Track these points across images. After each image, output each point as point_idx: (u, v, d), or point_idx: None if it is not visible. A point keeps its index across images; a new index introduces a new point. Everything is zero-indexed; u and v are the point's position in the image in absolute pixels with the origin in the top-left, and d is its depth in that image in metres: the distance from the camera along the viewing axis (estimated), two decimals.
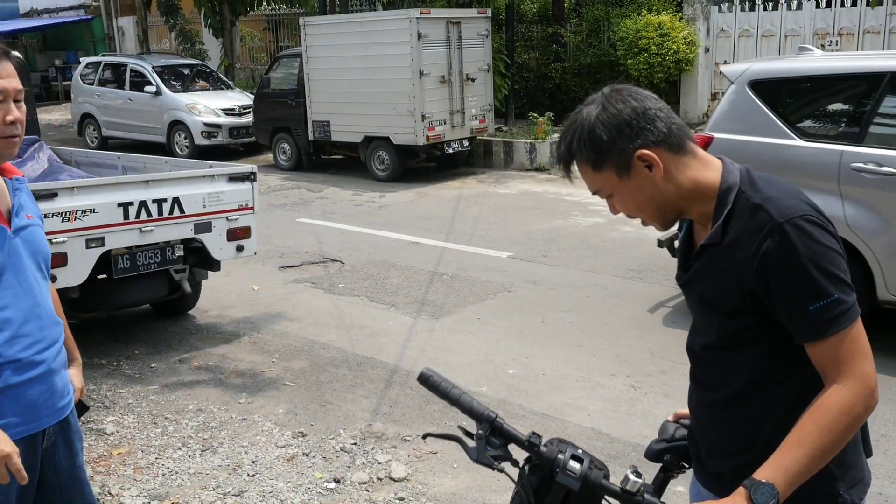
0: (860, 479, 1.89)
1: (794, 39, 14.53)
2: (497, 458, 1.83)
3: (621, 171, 1.81)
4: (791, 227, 1.71)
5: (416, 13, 12.60)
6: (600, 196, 1.90)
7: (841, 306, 1.72)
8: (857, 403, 1.72)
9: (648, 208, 1.87)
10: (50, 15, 29.59)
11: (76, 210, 5.41)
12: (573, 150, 1.84)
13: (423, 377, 1.97)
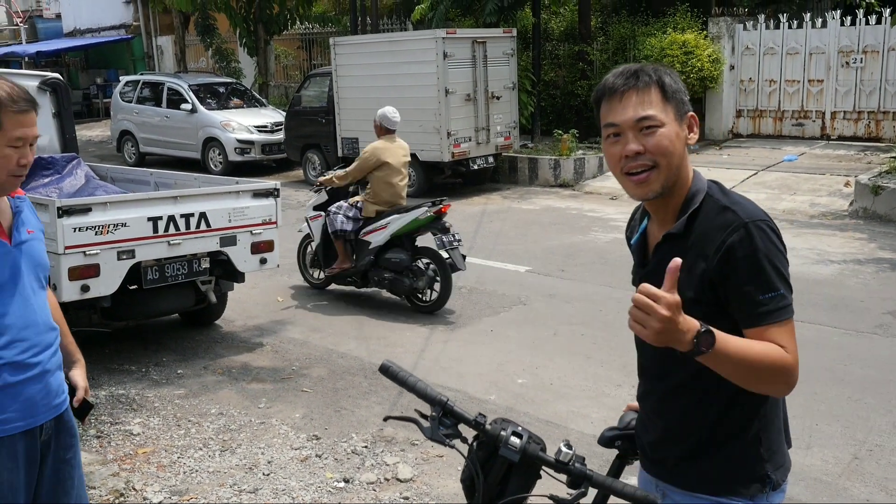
0: (782, 464, 2.13)
1: (819, 57, 14.64)
2: (448, 437, 2.07)
3: (679, 114, 2.03)
4: (755, 227, 1.95)
5: (442, 33, 12.91)
6: (641, 124, 1.98)
7: (784, 301, 1.95)
8: (790, 370, 1.93)
9: (674, 157, 2.02)
10: (92, 34, 30.44)
11: (108, 224, 5.74)
12: (659, 72, 2.03)
13: (383, 368, 2.22)
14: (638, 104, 2.00)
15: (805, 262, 8.72)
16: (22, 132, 2.45)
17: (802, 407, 5.34)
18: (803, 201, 11.40)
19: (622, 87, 2.02)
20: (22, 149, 2.47)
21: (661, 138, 1.99)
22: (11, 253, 2.54)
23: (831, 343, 6.45)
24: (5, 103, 2.42)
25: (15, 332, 2.50)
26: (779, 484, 2.10)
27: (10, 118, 2.42)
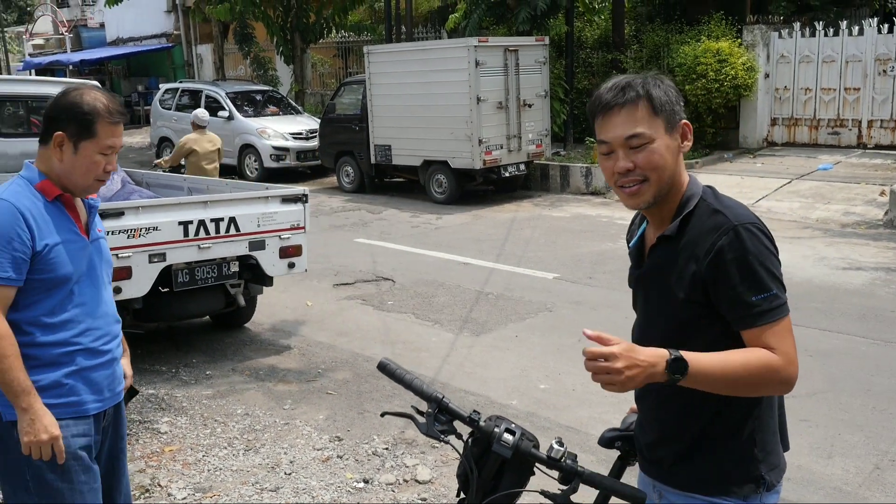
0: (777, 465, 2.16)
1: (856, 65, 14.48)
2: (443, 433, 2.14)
3: (669, 126, 2.06)
4: (744, 230, 1.99)
5: (474, 41, 13.00)
6: (631, 142, 2.03)
7: (777, 301, 1.99)
8: (779, 371, 1.97)
9: (665, 171, 2.07)
10: (134, 43, 31.04)
11: (141, 228, 5.89)
12: (646, 86, 2.05)
13: (381, 365, 2.29)
14: (626, 121, 2.04)
15: (836, 271, 8.64)
16: (112, 141, 2.65)
17: (826, 416, 5.32)
18: (837, 210, 11.28)
19: (611, 103, 2.06)
20: (109, 156, 2.66)
21: (650, 154, 2.04)
22: (88, 248, 2.74)
23: (858, 353, 6.40)
24: (102, 114, 2.61)
25: (91, 321, 2.70)
26: (773, 485, 2.14)
27: (104, 128, 2.62)
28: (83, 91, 2.67)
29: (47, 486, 2.62)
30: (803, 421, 5.26)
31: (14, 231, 2.53)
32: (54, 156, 2.64)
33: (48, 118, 2.67)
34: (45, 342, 2.61)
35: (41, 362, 2.61)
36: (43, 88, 8.66)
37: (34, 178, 2.67)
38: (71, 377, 2.65)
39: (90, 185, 2.70)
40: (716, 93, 14.55)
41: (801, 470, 4.65)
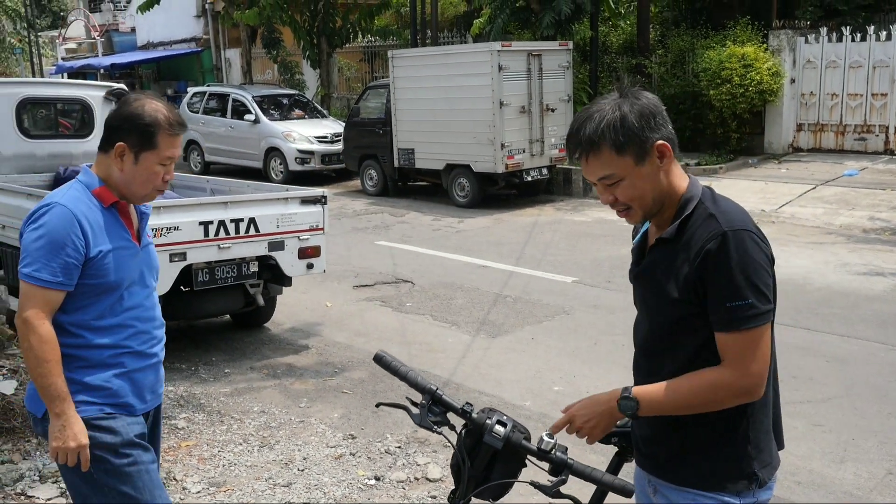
0: (769, 463, 2.19)
1: (883, 71, 14.35)
2: (437, 423, 2.19)
3: (639, 158, 2.08)
4: (733, 236, 2.03)
5: (498, 46, 13.05)
6: (604, 182, 2.12)
7: (752, 310, 2.03)
8: (728, 388, 2.06)
9: (647, 197, 2.13)
10: (164, 47, 31.42)
11: (162, 227, 6.00)
12: (601, 131, 2.07)
13: (377, 357, 2.35)
14: (594, 165, 2.11)
15: (857, 277, 8.58)
16: (172, 152, 2.69)
17: (840, 421, 5.30)
18: (861, 216, 11.19)
19: (578, 148, 2.13)
20: (168, 167, 2.70)
21: (624, 189, 2.12)
22: (139, 254, 2.80)
23: (876, 359, 6.36)
24: (163, 126, 2.65)
25: (139, 324, 2.76)
26: (765, 482, 2.17)
27: (164, 139, 2.66)
28: (144, 101, 2.70)
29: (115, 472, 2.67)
30: (817, 426, 5.25)
31: (69, 237, 2.56)
32: (115, 165, 2.68)
33: (110, 127, 2.70)
34: (95, 344, 2.66)
35: (90, 363, 2.66)
36: (70, 91, 8.84)
37: (92, 183, 2.70)
38: (119, 378, 2.70)
39: (148, 195, 2.75)
40: (741, 98, 14.48)
41: (812, 474, 4.65)
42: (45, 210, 2.61)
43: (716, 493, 2.15)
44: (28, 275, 2.55)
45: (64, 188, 2.72)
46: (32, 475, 4.51)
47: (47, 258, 2.55)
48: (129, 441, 2.69)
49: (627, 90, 2.15)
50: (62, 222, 2.57)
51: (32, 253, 2.56)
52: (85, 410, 2.63)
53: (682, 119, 15.89)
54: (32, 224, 2.61)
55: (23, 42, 34.79)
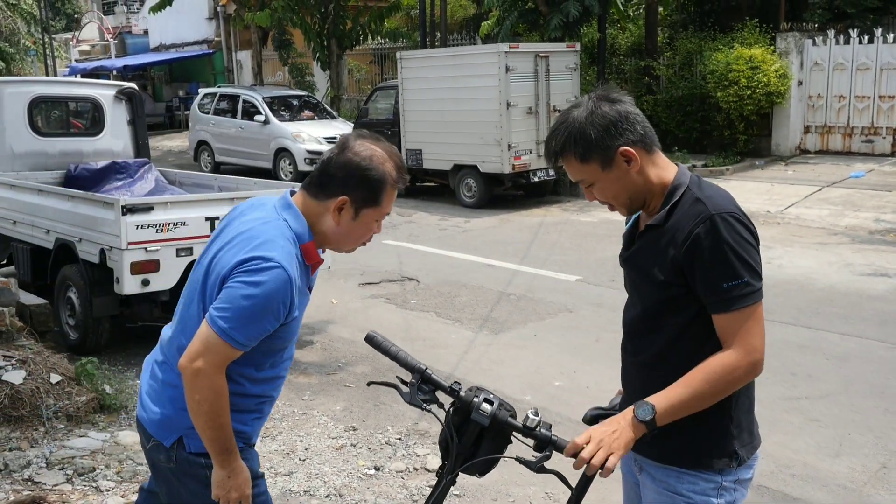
0: (750, 442, 2.27)
1: (891, 73, 14.37)
2: (426, 402, 2.27)
3: (605, 164, 2.18)
4: (720, 219, 2.11)
5: (505, 47, 13.14)
6: (582, 185, 2.28)
7: (748, 288, 2.11)
8: (739, 367, 2.12)
9: (622, 197, 2.24)
10: (176, 49, 31.67)
11: (169, 222, 6.10)
12: (563, 145, 2.21)
13: (368, 337, 2.41)
14: (568, 170, 2.26)
15: (860, 278, 8.61)
16: (390, 209, 2.43)
17: (837, 417, 5.35)
18: (867, 218, 11.21)
19: (550, 160, 2.28)
20: (379, 222, 2.45)
21: (599, 191, 2.25)
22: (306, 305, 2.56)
23: (875, 357, 6.40)
24: (391, 182, 2.37)
25: (286, 372, 2.64)
26: (745, 460, 2.25)
27: (389, 196, 2.39)
28: (374, 151, 2.36)
29: None
30: (813, 421, 5.30)
31: (278, 307, 2.29)
32: (332, 218, 2.38)
33: (334, 176, 2.37)
34: (251, 393, 2.48)
35: (238, 409, 2.46)
36: (81, 90, 8.98)
37: (303, 235, 2.39)
38: (253, 422, 2.57)
39: (350, 248, 2.50)
40: (748, 100, 14.52)
41: (806, 467, 4.70)
42: (266, 268, 2.26)
43: (698, 471, 2.22)
44: (223, 330, 2.25)
45: (276, 234, 2.33)
46: (39, 462, 4.60)
47: (249, 321, 2.26)
48: (258, 474, 2.58)
49: (597, 94, 2.24)
50: (278, 289, 2.26)
51: (237, 310, 2.25)
52: None
53: (690, 121, 15.95)
54: (248, 277, 2.26)
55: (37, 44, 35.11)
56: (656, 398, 2.12)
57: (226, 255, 2.33)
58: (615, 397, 2.59)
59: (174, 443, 2.45)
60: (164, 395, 2.48)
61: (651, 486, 2.31)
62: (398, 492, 4.49)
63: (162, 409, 2.47)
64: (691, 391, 2.11)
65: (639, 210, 2.30)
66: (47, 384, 5.18)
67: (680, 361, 2.19)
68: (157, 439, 2.48)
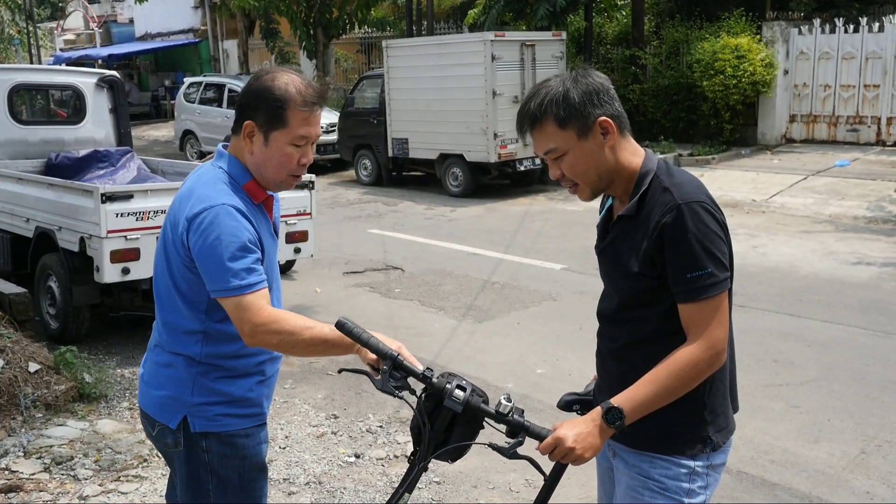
0: (725, 427, 2.26)
1: (876, 62, 14.40)
2: (398, 388, 2.24)
3: (582, 132, 2.14)
4: (687, 208, 2.09)
5: (491, 36, 13.09)
6: (550, 156, 2.19)
7: (712, 279, 2.09)
8: (702, 360, 2.12)
9: (591, 173, 2.19)
10: (162, 38, 31.47)
11: (149, 211, 6.06)
12: (545, 106, 2.14)
13: (339, 324, 2.37)
14: (539, 139, 2.19)
15: (844, 266, 8.65)
16: (306, 131, 2.37)
17: (817, 403, 5.37)
18: (850, 206, 11.25)
19: (523, 124, 2.20)
20: (303, 147, 2.39)
21: (569, 164, 2.18)
22: (276, 250, 2.57)
23: (856, 343, 6.43)
24: (294, 99, 2.34)
25: None
26: (719, 445, 2.24)
27: (295, 115, 2.34)
28: (275, 75, 2.38)
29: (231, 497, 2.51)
30: (794, 407, 5.32)
31: (243, 233, 2.29)
32: (245, 147, 2.39)
33: (239, 105, 2.41)
34: (247, 353, 2.43)
35: (237, 373, 2.45)
36: (62, 78, 8.90)
37: (241, 177, 2.41)
38: (258, 387, 2.51)
39: (283, 181, 2.42)
40: (734, 89, 14.53)
41: (786, 453, 4.71)
42: (212, 213, 2.29)
43: (671, 456, 2.21)
44: (231, 288, 2.25)
45: (206, 180, 2.37)
46: (17, 451, 4.57)
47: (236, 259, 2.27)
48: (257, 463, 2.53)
49: (577, 70, 2.22)
50: (230, 221, 2.28)
51: (220, 262, 2.26)
52: (228, 424, 2.45)
53: (676, 110, 15.95)
54: (202, 231, 2.28)
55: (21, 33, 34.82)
56: (624, 399, 2.11)
57: (176, 216, 2.37)
58: (590, 383, 2.58)
59: (179, 423, 2.43)
60: (161, 377, 2.47)
61: (624, 471, 2.31)
62: (378, 479, 4.48)
63: (162, 392, 2.46)
64: (657, 388, 2.11)
65: (601, 192, 2.26)
66: (25, 373, 5.14)
67: (656, 350, 2.18)
68: (161, 423, 2.46)
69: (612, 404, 2.10)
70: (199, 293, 2.38)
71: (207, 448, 2.44)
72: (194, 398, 2.42)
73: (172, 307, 2.43)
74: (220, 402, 2.44)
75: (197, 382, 2.43)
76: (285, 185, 2.44)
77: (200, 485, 2.48)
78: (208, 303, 2.38)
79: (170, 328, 2.46)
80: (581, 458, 2.08)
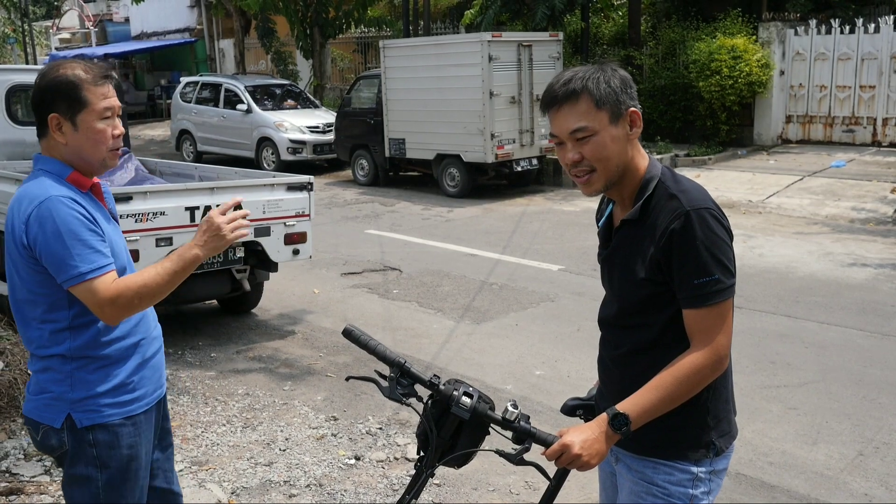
0: (727, 432, 2.28)
1: (871, 63, 14.44)
2: (405, 395, 2.26)
3: (614, 117, 2.14)
4: (696, 215, 2.10)
5: (488, 36, 13.09)
6: (576, 135, 2.13)
7: (718, 285, 2.10)
8: (707, 366, 2.13)
9: (612, 161, 2.17)
10: (158, 37, 31.40)
11: (148, 212, 6.06)
12: (585, 83, 2.13)
13: (346, 331, 2.40)
14: (570, 116, 2.14)
15: (840, 267, 8.67)
16: (108, 102, 2.46)
17: (815, 405, 5.39)
18: (847, 207, 11.29)
19: (557, 98, 2.16)
20: (111, 119, 2.48)
21: (594, 146, 2.14)
22: (121, 234, 2.66)
23: (854, 345, 6.45)
24: (84, 79, 2.44)
25: None
26: (722, 450, 2.25)
27: (92, 92, 2.43)
28: (58, 66, 2.49)
29: (115, 493, 2.55)
30: (792, 409, 5.34)
31: (80, 219, 2.37)
32: (59, 140, 2.47)
33: (36, 105, 2.48)
34: (114, 337, 2.50)
35: (111, 360, 2.50)
36: None
37: (61, 171, 2.49)
38: (138, 370, 2.55)
39: (105, 158, 2.50)
40: (730, 89, 14.56)
41: (784, 455, 4.73)
42: (42, 207, 2.38)
43: (674, 462, 2.22)
44: (78, 274, 2.35)
45: (35, 184, 2.45)
46: (17, 453, 4.58)
47: (77, 247, 2.35)
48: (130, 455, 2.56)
49: (606, 62, 2.24)
50: (63, 210, 2.37)
51: (61, 252, 2.34)
52: (112, 415, 2.50)
53: (673, 111, 15.97)
54: (38, 229, 2.36)
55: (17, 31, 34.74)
56: (629, 405, 2.12)
57: (12, 224, 2.42)
58: (593, 387, 2.60)
59: (63, 422, 2.48)
60: (42, 382, 2.51)
61: (627, 477, 2.32)
62: (378, 481, 4.49)
63: (43, 395, 2.50)
64: (662, 393, 2.12)
65: (611, 186, 2.23)
66: (25, 375, 5.13)
67: (659, 357, 2.19)
68: (46, 424, 2.50)
69: (618, 410, 2.11)
70: (53, 291, 2.43)
71: (94, 442, 2.49)
72: (75, 394, 2.47)
73: (33, 315, 2.48)
74: (100, 393, 2.48)
75: (75, 378, 2.48)
76: (108, 160, 2.52)
77: (90, 481, 2.52)
78: (65, 298, 2.44)
79: (36, 335, 2.49)
80: (587, 464, 2.08)
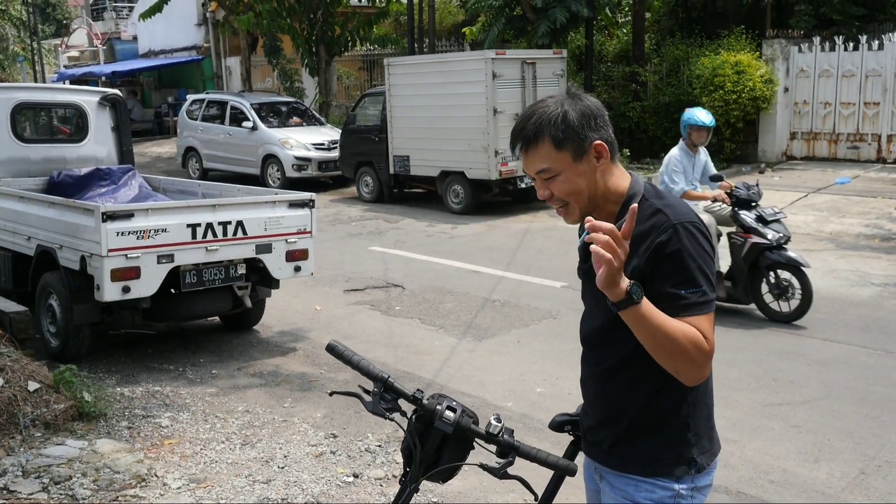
0: (709, 449, 2.26)
1: (876, 80, 14.45)
2: (389, 410, 2.26)
3: (577, 155, 2.15)
4: (682, 228, 2.11)
5: (492, 54, 13.15)
6: (542, 176, 2.17)
7: (705, 297, 2.10)
8: (702, 350, 2.06)
9: (581, 194, 2.19)
10: (165, 55, 31.59)
11: (150, 229, 6.08)
12: (542, 126, 2.14)
13: (329, 347, 2.40)
14: (534, 158, 2.18)
15: (844, 284, 8.64)
16: None
17: (817, 423, 5.36)
18: (851, 224, 11.26)
19: (519, 140, 2.19)
20: None
21: (561, 184, 2.17)
22: None
23: (857, 362, 6.42)
24: None
25: None
26: (704, 467, 2.24)
27: None
28: None
29: None
30: (794, 427, 5.31)
31: None
32: None
33: None
34: None
35: None
36: (65, 96, 8.96)
37: None
38: None
39: None
40: (734, 105, 14.57)
41: (785, 473, 4.70)
42: None
43: (656, 479, 2.21)
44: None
45: None
46: (15, 470, 4.57)
47: None
48: None
49: (572, 91, 2.23)
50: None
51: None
52: None
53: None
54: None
55: (26, 50, 35.01)
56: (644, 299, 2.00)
57: None
58: (581, 405, 2.59)
59: None
60: None
61: (610, 495, 2.31)
62: (376, 499, 4.48)
63: None
64: (663, 322, 2.02)
65: (588, 214, 2.23)
66: (25, 392, 5.15)
67: (641, 372, 2.18)
68: None
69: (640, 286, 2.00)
70: None
71: None
72: None
73: None
74: None
75: None
76: None
77: None
78: None
79: None
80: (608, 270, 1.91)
